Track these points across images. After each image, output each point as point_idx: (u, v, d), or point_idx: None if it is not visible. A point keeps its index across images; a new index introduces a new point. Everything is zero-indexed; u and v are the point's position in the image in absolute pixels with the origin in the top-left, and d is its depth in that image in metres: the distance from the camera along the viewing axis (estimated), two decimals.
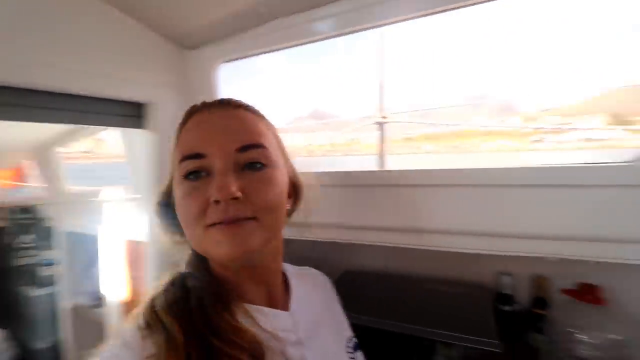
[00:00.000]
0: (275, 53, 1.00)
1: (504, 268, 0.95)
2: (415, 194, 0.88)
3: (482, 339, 0.76)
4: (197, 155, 0.45)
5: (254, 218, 0.44)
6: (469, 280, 1.00)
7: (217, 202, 0.42)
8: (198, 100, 1.04)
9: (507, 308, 0.97)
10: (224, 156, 0.45)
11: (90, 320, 1.69)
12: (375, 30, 0.91)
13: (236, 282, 0.49)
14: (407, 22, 0.82)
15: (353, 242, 0.96)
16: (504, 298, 0.97)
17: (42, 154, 1.91)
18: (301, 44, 0.96)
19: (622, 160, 0.72)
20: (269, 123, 0.53)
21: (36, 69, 0.71)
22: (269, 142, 0.49)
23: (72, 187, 1.96)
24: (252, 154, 0.46)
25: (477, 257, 0.90)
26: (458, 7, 0.76)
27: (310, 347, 0.52)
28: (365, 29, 0.87)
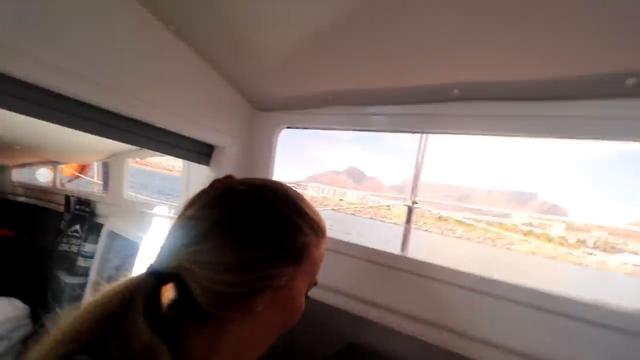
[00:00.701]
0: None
1: None
2: (433, 287, 0.92)
3: None
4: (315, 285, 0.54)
5: None
6: None
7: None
8: (259, 153, 1.22)
9: None
10: None
11: None
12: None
13: None
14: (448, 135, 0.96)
15: (358, 314, 1.01)
16: None
17: (114, 161, 2.20)
18: (352, 130, 1.13)
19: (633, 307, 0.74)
20: None
21: (142, 104, 0.90)
22: None
23: (130, 193, 2.19)
24: None
25: None
26: (484, 135, 0.88)
27: None
28: (408, 132, 1.02)
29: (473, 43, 0.69)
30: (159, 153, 1.13)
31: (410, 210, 1.31)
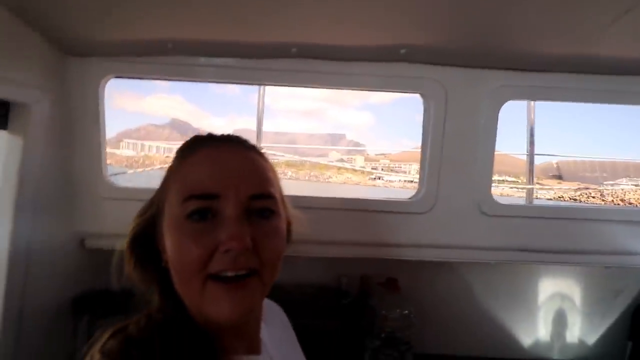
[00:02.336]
0: None
1: (343, 271, 1.31)
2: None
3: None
4: (209, 196, 0.41)
5: (256, 272, 0.42)
6: (321, 283, 1.31)
7: (227, 251, 0.39)
8: (81, 110, 1.03)
9: (345, 301, 1.34)
10: (237, 201, 0.41)
11: None
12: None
13: (219, 335, 0.45)
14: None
15: None
16: (343, 294, 1.34)
17: None
18: (191, 80, 1.11)
19: (406, 197, 1.19)
20: (273, 167, 0.50)
21: None
22: (276, 190, 0.47)
23: None
24: (263, 203, 0.43)
25: (326, 264, 1.22)
26: (319, 87, 1.09)
27: None
28: (247, 84, 1.12)
29: (309, 7, 0.81)
30: None
31: None
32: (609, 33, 0.84)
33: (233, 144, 0.47)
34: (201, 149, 0.45)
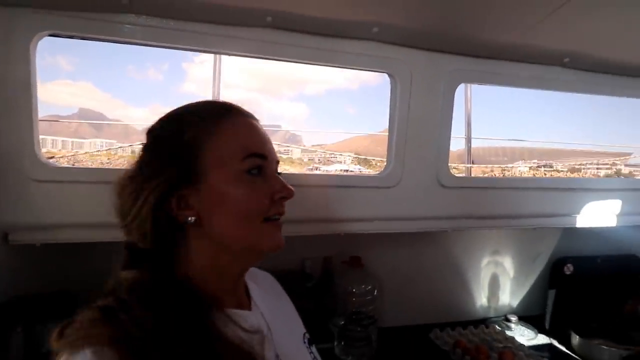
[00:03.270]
0: None
1: (306, 255, 1.33)
2: None
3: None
4: (263, 156, 0.52)
5: None
6: (285, 268, 1.29)
7: (283, 198, 0.52)
8: (5, 73, 0.84)
9: (309, 284, 1.35)
10: (275, 162, 0.55)
11: None
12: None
13: (210, 289, 0.50)
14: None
15: None
16: (307, 277, 1.35)
17: None
18: (150, 45, 0.97)
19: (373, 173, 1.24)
20: None
21: None
22: None
23: None
24: (278, 167, 0.57)
25: (290, 249, 1.21)
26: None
27: (277, 345, 0.55)
28: (210, 52, 1.03)
29: None
30: None
31: None
32: (544, 25, 0.98)
33: (254, 118, 0.56)
34: (229, 117, 0.53)
